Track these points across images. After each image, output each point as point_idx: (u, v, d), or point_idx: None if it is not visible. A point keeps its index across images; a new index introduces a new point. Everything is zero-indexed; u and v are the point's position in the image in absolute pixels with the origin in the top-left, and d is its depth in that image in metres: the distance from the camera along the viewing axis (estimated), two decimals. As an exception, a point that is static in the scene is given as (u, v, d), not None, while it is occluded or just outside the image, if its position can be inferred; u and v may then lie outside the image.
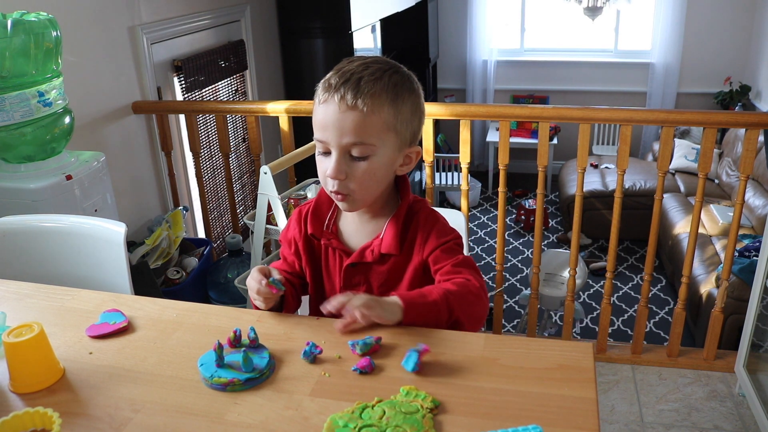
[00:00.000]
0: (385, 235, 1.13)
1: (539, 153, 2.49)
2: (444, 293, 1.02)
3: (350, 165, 1.05)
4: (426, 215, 1.15)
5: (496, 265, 2.73)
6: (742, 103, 5.23)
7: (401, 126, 1.06)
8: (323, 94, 1.04)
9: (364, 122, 1.02)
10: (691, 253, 2.46)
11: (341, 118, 1.02)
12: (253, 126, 2.84)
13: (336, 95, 1.01)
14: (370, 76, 1.02)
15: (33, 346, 0.93)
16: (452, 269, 1.09)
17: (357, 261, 1.14)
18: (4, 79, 1.71)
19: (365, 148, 1.04)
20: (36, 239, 1.51)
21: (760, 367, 2.31)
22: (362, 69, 1.03)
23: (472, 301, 1.05)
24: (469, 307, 1.05)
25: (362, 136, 1.03)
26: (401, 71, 1.08)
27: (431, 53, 5.57)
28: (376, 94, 1.02)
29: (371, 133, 1.03)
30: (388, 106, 1.03)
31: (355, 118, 1.01)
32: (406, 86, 1.07)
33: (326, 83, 1.04)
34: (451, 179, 5.40)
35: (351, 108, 1.01)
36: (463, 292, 1.04)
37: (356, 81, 1.01)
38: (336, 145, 1.03)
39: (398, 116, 1.05)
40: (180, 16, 3.03)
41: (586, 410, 0.84)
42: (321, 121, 1.04)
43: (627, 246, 4.80)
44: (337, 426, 0.82)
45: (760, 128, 2.27)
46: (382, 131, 1.04)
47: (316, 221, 1.19)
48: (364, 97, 1.01)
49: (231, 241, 2.78)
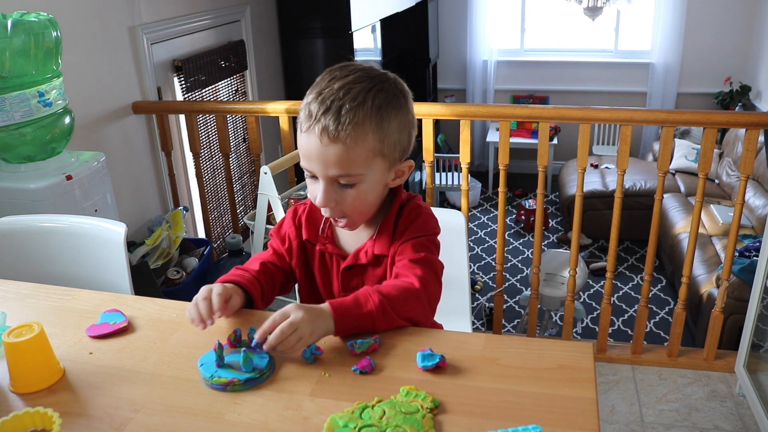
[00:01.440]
0: (377, 236, 1.13)
1: (539, 153, 2.49)
2: (380, 302, 0.99)
3: (339, 192, 1.03)
4: (410, 210, 1.13)
5: (497, 265, 2.73)
6: (742, 103, 5.23)
7: (388, 149, 1.03)
8: (305, 123, 1.00)
9: (348, 155, 0.98)
10: (692, 253, 2.46)
11: (324, 152, 0.98)
12: (253, 126, 2.84)
13: (317, 126, 0.97)
14: (352, 102, 0.97)
15: (33, 346, 0.93)
16: (407, 263, 1.07)
17: (352, 264, 1.14)
18: (4, 80, 1.71)
19: (351, 179, 1.02)
20: (36, 239, 1.51)
21: (761, 367, 2.31)
22: (343, 94, 0.98)
23: (412, 305, 1.02)
24: (409, 312, 1.02)
25: (347, 168, 1.00)
26: (386, 87, 1.02)
27: (431, 53, 5.57)
28: (359, 122, 0.97)
29: (357, 163, 1.00)
30: (372, 132, 0.99)
31: (338, 152, 0.98)
32: (392, 105, 1.02)
33: (306, 109, 1.00)
34: (451, 179, 5.40)
35: (333, 140, 0.97)
36: (404, 296, 1.01)
37: (337, 110, 0.97)
38: (322, 176, 1.02)
39: (384, 140, 1.01)
40: (180, 16, 3.03)
41: (586, 410, 0.84)
42: (305, 151, 1.02)
43: (627, 246, 4.79)
44: (337, 426, 0.82)
45: (760, 128, 2.27)
46: (368, 159, 1.01)
47: (311, 226, 1.18)
48: (345, 128, 0.96)
49: (231, 241, 2.78)
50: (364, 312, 0.98)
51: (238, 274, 1.13)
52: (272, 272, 1.19)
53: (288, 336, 0.92)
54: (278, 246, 1.22)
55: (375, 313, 0.98)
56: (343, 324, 0.97)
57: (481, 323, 3.68)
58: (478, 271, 4.50)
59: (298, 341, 0.93)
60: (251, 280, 1.13)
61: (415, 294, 1.02)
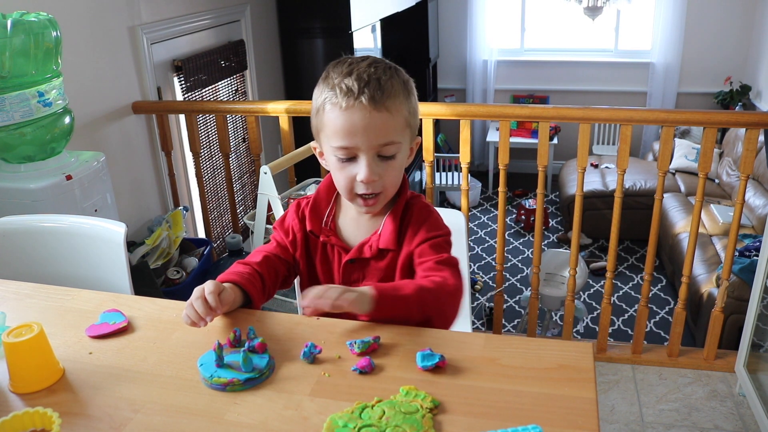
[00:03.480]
0: (383, 230, 1.14)
1: (539, 153, 2.49)
2: (418, 289, 1.02)
3: (380, 166, 1.07)
4: (420, 208, 1.16)
5: (497, 265, 2.73)
6: (743, 103, 5.23)
7: (413, 120, 1.11)
8: (345, 100, 1.03)
9: (393, 121, 1.05)
10: (692, 252, 2.46)
11: (372, 121, 1.03)
12: (253, 126, 2.84)
13: (363, 97, 1.02)
14: (385, 75, 1.04)
15: (33, 346, 0.93)
16: (434, 266, 1.09)
17: (356, 257, 1.15)
18: (4, 79, 1.71)
19: (394, 147, 1.07)
20: (36, 239, 1.51)
21: (761, 366, 2.31)
22: (374, 69, 1.04)
23: (445, 300, 1.05)
24: (442, 307, 1.05)
25: (392, 135, 1.06)
26: (399, 67, 1.10)
27: (431, 53, 5.57)
28: (396, 92, 1.05)
29: (397, 131, 1.06)
30: (404, 103, 1.07)
31: (384, 119, 1.04)
32: (410, 82, 1.11)
33: (342, 88, 1.03)
34: (451, 179, 5.40)
35: (379, 109, 1.03)
36: (439, 291, 1.04)
37: (377, 81, 1.03)
38: (368, 148, 1.05)
39: (411, 111, 1.09)
40: (180, 16, 3.03)
41: (586, 410, 0.84)
42: (347, 128, 1.04)
43: (627, 246, 4.79)
44: (336, 426, 0.82)
45: (760, 128, 2.27)
46: (404, 128, 1.08)
47: (315, 218, 1.19)
48: (387, 97, 1.03)
49: (231, 241, 2.78)
50: (402, 295, 1.01)
51: (237, 271, 1.13)
52: (275, 264, 1.19)
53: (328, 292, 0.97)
54: (282, 238, 1.22)
55: (412, 298, 1.01)
56: (382, 302, 1.00)
57: (481, 323, 3.68)
58: (478, 271, 4.51)
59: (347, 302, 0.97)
60: (252, 276, 1.13)
61: (450, 290, 1.06)
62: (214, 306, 1.01)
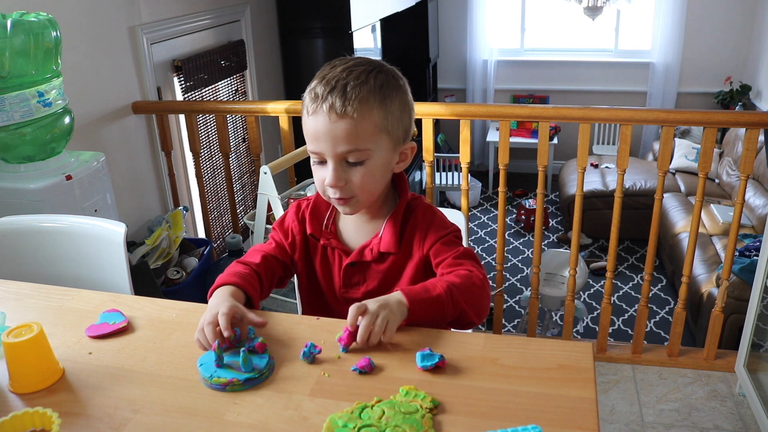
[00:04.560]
0: (383, 233, 1.13)
1: (539, 153, 2.49)
2: (448, 287, 1.02)
3: (348, 171, 1.05)
4: (424, 211, 1.16)
5: (497, 264, 2.73)
6: (743, 103, 5.23)
7: (392, 126, 1.06)
8: (311, 105, 1.03)
9: (356, 129, 1.01)
10: (692, 252, 2.46)
11: (333, 128, 1.01)
12: (253, 126, 2.84)
13: (324, 105, 1.01)
14: (356, 80, 1.01)
15: (32, 346, 0.93)
16: (454, 261, 1.09)
17: (356, 260, 1.15)
18: (4, 79, 1.71)
19: (360, 154, 1.04)
20: (36, 239, 1.51)
21: (761, 366, 2.31)
22: (346, 74, 1.02)
23: (476, 292, 1.05)
24: (473, 299, 1.04)
25: (356, 143, 1.02)
26: (385, 69, 1.07)
27: (431, 53, 5.57)
28: (364, 98, 1.01)
29: (364, 138, 1.03)
30: (377, 108, 1.03)
31: (346, 126, 1.01)
32: (392, 85, 1.06)
33: (312, 93, 1.03)
34: (452, 179, 5.40)
35: (341, 116, 1.00)
36: (467, 283, 1.04)
37: (342, 88, 1.01)
38: (331, 155, 1.04)
39: (388, 117, 1.05)
40: (180, 16, 3.03)
41: (586, 410, 0.84)
42: (312, 133, 1.04)
43: (627, 246, 4.79)
44: (336, 426, 0.82)
45: (760, 128, 2.27)
46: (375, 134, 1.04)
47: (315, 221, 1.19)
48: (352, 103, 1.00)
49: (231, 241, 2.78)
50: (434, 296, 1.00)
51: (238, 272, 1.12)
52: (273, 265, 1.19)
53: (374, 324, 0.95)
54: (281, 239, 1.22)
55: (444, 296, 1.00)
56: (415, 307, 0.99)
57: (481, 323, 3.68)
58: (478, 271, 4.50)
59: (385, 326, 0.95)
60: (251, 277, 1.13)
61: (477, 282, 1.06)
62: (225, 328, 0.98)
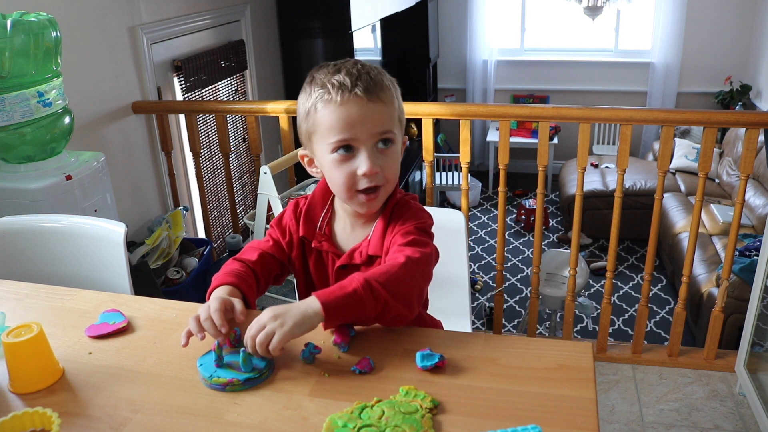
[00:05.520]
0: (372, 236, 1.14)
1: (539, 153, 2.49)
2: (365, 280, 0.96)
3: (380, 157, 1.08)
4: (401, 206, 1.15)
5: (497, 264, 2.73)
6: (743, 103, 5.23)
7: (402, 116, 1.13)
8: (338, 95, 1.03)
9: (387, 112, 1.07)
10: (692, 252, 2.46)
11: (367, 112, 1.04)
12: (253, 126, 2.84)
13: (357, 90, 1.03)
14: (372, 71, 1.07)
15: (32, 346, 0.93)
16: (397, 248, 1.07)
17: (346, 263, 1.14)
18: (4, 80, 1.71)
19: (392, 135, 1.08)
20: (36, 239, 1.51)
21: (761, 366, 2.31)
22: (361, 67, 1.07)
23: (396, 281, 0.98)
24: (394, 288, 0.97)
25: (389, 125, 1.07)
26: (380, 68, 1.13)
27: (431, 53, 5.57)
28: (387, 87, 1.08)
29: (392, 122, 1.08)
30: (394, 98, 1.09)
31: (380, 109, 1.06)
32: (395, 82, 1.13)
33: (334, 84, 1.04)
34: (452, 179, 5.40)
35: (373, 101, 1.05)
36: (390, 272, 0.99)
37: (367, 75, 1.05)
38: (367, 138, 1.05)
39: (399, 108, 1.12)
40: (180, 16, 3.03)
41: (586, 410, 0.84)
42: (345, 120, 1.04)
43: (627, 245, 4.79)
44: (336, 426, 0.82)
45: (760, 128, 2.27)
46: (396, 120, 1.10)
47: (309, 223, 1.19)
48: (379, 90, 1.06)
49: (231, 241, 2.78)
50: (349, 291, 0.95)
51: (234, 271, 1.12)
52: (269, 263, 1.19)
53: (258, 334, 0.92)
54: (278, 237, 1.22)
55: (361, 291, 0.95)
56: (330, 306, 0.94)
57: (481, 323, 3.68)
58: (478, 271, 4.50)
59: (266, 337, 0.91)
60: (248, 275, 1.13)
61: (401, 268, 1.00)
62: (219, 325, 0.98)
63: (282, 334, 0.91)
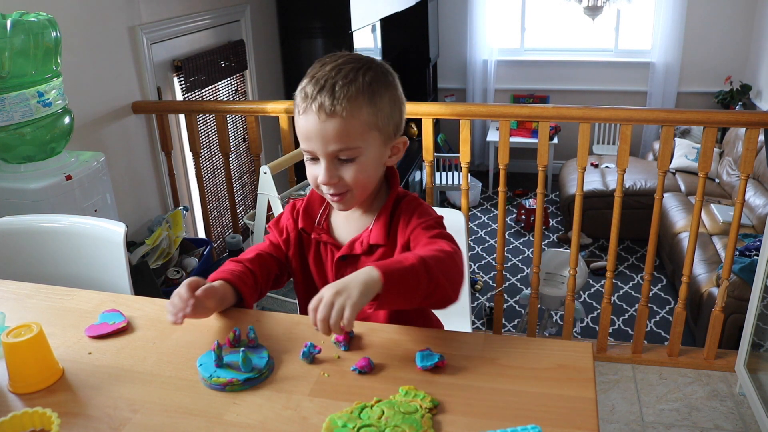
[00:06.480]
0: (373, 227, 1.14)
1: (539, 152, 2.49)
2: (420, 257, 0.97)
3: (340, 168, 1.06)
4: (409, 201, 1.16)
5: (497, 264, 2.72)
6: (743, 103, 5.23)
7: (382, 122, 1.07)
8: (301, 104, 1.04)
9: (346, 127, 1.02)
10: (692, 252, 2.46)
11: (322, 127, 1.02)
12: (253, 126, 2.84)
13: (313, 105, 1.02)
14: (344, 79, 1.02)
15: (32, 346, 0.93)
16: (428, 241, 1.08)
17: (347, 253, 1.15)
18: (4, 80, 1.71)
19: (351, 152, 1.05)
20: (36, 239, 1.51)
21: (761, 366, 2.30)
22: (335, 73, 1.03)
23: (448, 263, 1.01)
24: (446, 269, 1.00)
25: (346, 142, 1.03)
26: (374, 66, 1.07)
27: (431, 53, 5.57)
28: (353, 97, 1.02)
29: (354, 136, 1.04)
30: (366, 106, 1.03)
31: (336, 125, 1.02)
32: (382, 81, 1.06)
33: (302, 92, 1.04)
34: (452, 179, 5.40)
35: (330, 116, 1.01)
36: (439, 256, 1.00)
37: (331, 87, 1.01)
38: (323, 154, 1.05)
39: (378, 114, 1.05)
40: (180, 16, 3.03)
41: (586, 410, 0.84)
42: (304, 132, 1.05)
43: (627, 245, 4.79)
44: (336, 426, 0.82)
45: (760, 127, 2.27)
46: (365, 132, 1.05)
47: (307, 218, 1.20)
48: (341, 102, 1.01)
49: (231, 241, 2.78)
50: (407, 266, 0.95)
51: (229, 269, 1.13)
52: (267, 262, 1.20)
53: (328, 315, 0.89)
54: (276, 237, 1.23)
55: (417, 266, 0.95)
56: (389, 278, 0.92)
57: (481, 323, 3.68)
58: (478, 271, 4.50)
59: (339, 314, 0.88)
60: (243, 273, 1.13)
61: (449, 254, 1.02)
62: (186, 297, 1.00)
63: (352, 306, 0.89)
